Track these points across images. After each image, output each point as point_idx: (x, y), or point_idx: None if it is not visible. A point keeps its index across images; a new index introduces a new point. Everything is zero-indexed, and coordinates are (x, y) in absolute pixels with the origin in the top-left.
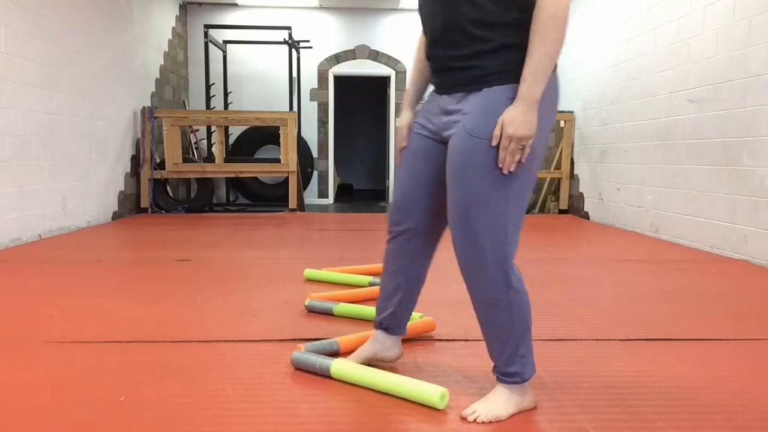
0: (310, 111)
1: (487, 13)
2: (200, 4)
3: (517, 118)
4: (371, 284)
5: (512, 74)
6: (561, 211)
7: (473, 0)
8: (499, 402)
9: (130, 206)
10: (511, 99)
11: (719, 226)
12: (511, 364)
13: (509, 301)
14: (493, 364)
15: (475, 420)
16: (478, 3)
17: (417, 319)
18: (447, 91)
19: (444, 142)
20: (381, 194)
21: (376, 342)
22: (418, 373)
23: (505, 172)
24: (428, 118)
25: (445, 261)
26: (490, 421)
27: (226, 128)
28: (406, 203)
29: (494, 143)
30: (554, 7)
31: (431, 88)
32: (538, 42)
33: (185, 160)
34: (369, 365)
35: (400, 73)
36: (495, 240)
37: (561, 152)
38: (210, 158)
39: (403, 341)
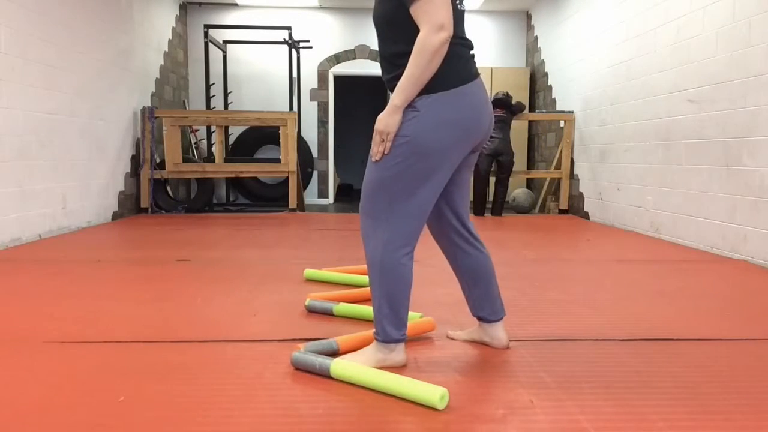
0: (310, 111)
1: (402, 48)
2: (200, 4)
3: (382, 118)
4: None
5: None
6: (561, 211)
7: (396, 39)
8: (367, 355)
9: (130, 206)
10: (414, 108)
11: (719, 226)
12: (376, 323)
13: (380, 266)
14: None
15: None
16: (398, 41)
17: (417, 319)
18: None
19: None
20: None
21: (480, 330)
22: (418, 373)
23: (373, 159)
24: None
25: (442, 263)
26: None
27: (226, 128)
28: None
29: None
30: (423, 43)
31: None
32: (410, 65)
33: (185, 160)
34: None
35: None
36: (376, 216)
37: (561, 152)
38: (210, 158)
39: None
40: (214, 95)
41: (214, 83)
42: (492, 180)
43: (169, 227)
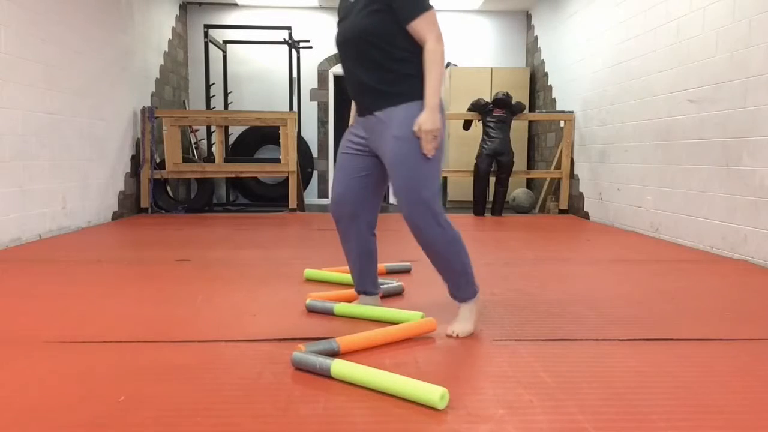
0: (310, 111)
1: (399, 54)
2: (200, 4)
3: (428, 119)
4: None
5: (413, 94)
6: (561, 211)
7: (392, 47)
8: (466, 319)
9: (130, 206)
10: (411, 113)
11: (719, 226)
12: (463, 287)
13: (449, 239)
14: (450, 295)
15: (456, 336)
16: (394, 48)
17: (417, 319)
18: (370, 112)
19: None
20: None
21: (362, 303)
22: (418, 373)
23: (429, 156)
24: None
25: None
26: (467, 336)
27: (226, 128)
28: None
29: (418, 136)
30: (435, 51)
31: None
32: (431, 72)
33: (185, 160)
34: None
35: None
36: (432, 201)
37: (561, 152)
38: (210, 158)
39: (404, 341)
40: (214, 95)
41: (214, 83)
42: (492, 180)
43: (169, 227)
